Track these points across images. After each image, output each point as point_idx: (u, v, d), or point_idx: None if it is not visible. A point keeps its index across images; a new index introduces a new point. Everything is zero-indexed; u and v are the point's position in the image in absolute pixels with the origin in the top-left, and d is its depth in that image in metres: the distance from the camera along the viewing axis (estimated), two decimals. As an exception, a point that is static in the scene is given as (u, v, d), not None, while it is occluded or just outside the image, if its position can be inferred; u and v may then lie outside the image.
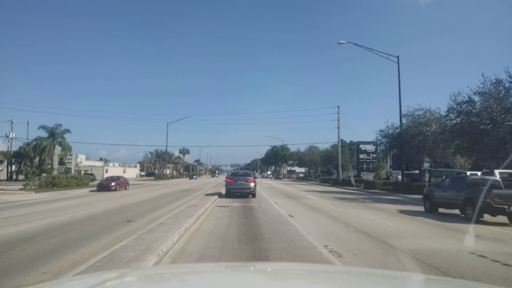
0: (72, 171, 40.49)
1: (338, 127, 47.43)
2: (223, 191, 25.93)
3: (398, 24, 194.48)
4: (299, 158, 72.28)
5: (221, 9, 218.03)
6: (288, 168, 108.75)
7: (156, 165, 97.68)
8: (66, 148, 36.58)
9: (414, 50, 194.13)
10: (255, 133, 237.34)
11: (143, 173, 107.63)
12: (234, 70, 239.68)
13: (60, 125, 36.50)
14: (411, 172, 34.31)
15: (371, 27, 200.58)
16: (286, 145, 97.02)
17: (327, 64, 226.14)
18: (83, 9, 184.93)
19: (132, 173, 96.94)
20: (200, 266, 3.99)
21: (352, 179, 41.20)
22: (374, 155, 45.16)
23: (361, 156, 44.94)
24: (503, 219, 11.73)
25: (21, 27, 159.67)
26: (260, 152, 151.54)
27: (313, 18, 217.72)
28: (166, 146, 63.79)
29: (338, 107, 47.84)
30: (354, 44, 29.37)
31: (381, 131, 29.84)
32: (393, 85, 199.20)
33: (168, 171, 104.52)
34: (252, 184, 20.20)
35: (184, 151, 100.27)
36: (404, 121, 28.41)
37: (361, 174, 44.09)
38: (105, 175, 77.96)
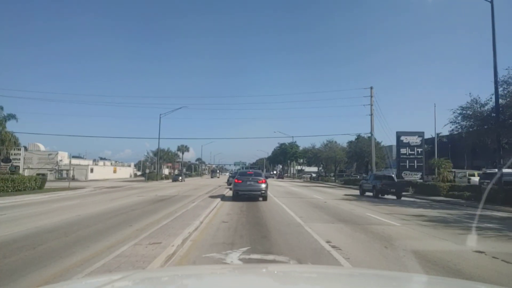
0: (21, 170, 30.58)
1: (371, 114, 37.13)
2: (226, 193, 22.69)
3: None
4: (314, 155, 61.59)
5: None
6: (298, 167, 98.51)
7: (148, 165, 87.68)
8: (7, 139, 26.50)
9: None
10: (262, 129, 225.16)
11: (139, 173, 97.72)
12: (240, 68, 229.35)
13: (1, 108, 26.52)
14: (490, 171, 23.79)
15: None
16: (295, 142, 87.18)
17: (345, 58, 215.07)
18: (83, 8, 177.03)
19: (125, 173, 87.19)
20: (208, 268, 3.66)
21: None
22: (419, 150, 34.57)
23: (403, 150, 34.34)
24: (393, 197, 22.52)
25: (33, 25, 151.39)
26: (267, 151, 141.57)
27: (325, 13, 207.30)
28: (159, 138, 53.54)
29: (371, 88, 37.58)
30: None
31: (463, 108, 19.34)
32: (429, 72, 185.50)
33: (166, 171, 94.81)
34: (263, 186, 17.49)
35: (183, 148, 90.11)
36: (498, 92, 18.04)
37: (403, 174, 33.59)
38: (89, 176, 68.55)
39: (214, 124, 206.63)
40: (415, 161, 34.28)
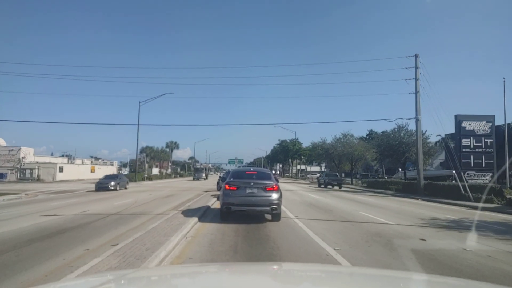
0: None
1: (417, 92, 26.81)
2: (212, 204, 14.82)
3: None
4: (325, 151, 51.33)
5: None
6: (303, 167, 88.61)
7: (139, 163, 77.23)
8: None
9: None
10: (263, 125, 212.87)
11: (126, 172, 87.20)
12: (238, 63, 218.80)
13: None
14: None
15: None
16: (298, 138, 77.75)
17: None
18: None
19: (106, 172, 76.37)
20: (204, 267, 3.45)
21: (464, 186, 20.66)
22: (488, 140, 24.57)
23: (465, 141, 24.38)
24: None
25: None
26: (266, 149, 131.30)
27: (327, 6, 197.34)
28: (138, 128, 43.11)
29: (416, 56, 27.34)
30: None
31: None
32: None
33: (156, 171, 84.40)
34: (274, 195, 10.04)
35: (172, 145, 79.76)
36: None
37: (466, 175, 23.57)
38: (58, 176, 57.87)
39: (212, 120, 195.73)
40: (483, 157, 24.29)
